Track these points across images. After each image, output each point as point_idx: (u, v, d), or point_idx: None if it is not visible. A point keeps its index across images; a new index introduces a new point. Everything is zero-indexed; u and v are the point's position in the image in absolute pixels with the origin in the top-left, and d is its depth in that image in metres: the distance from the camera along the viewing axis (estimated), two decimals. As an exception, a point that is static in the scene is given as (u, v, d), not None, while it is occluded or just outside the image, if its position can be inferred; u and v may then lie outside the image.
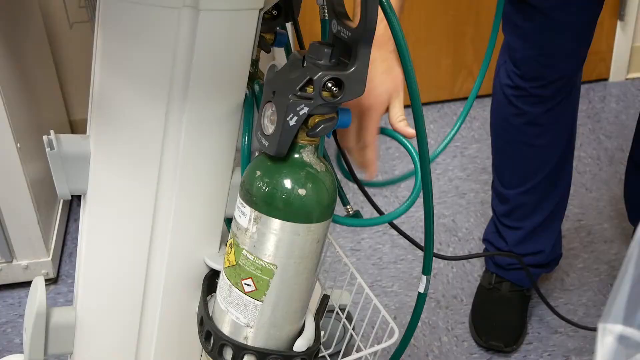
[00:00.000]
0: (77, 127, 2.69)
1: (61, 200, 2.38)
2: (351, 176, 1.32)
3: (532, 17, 1.66)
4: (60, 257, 2.30)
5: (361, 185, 1.33)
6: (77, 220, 2.45)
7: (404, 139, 1.19)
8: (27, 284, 2.19)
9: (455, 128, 1.27)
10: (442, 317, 2.07)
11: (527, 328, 2.01)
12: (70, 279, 2.25)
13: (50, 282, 2.22)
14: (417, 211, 2.43)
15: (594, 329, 1.85)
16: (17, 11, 2.17)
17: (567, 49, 1.71)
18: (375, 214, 1.36)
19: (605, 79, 3.07)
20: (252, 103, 1.06)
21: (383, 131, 1.22)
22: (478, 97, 3.06)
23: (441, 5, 2.82)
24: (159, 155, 1.00)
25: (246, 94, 1.05)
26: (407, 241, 2.30)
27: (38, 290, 1.07)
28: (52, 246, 2.21)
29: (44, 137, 0.99)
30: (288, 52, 1.31)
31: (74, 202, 2.48)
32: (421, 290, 1.11)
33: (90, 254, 1.07)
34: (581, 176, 2.53)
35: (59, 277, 2.25)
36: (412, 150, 1.12)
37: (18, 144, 1.97)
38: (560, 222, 2.03)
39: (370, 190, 1.40)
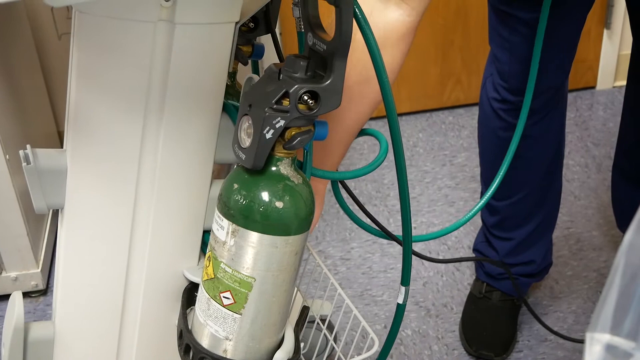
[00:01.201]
0: (66, 138, 2.69)
1: (50, 212, 2.38)
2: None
3: (518, 29, 1.65)
4: (49, 268, 2.30)
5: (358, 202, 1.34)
6: (66, 231, 2.45)
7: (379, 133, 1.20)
8: (16, 296, 2.19)
9: None
10: (432, 325, 2.07)
11: (517, 336, 2.01)
12: (60, 290, 2.25)
13: (39, 293, 2.22)
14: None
15: (580, 341, 1.85)
16: (5, 22, 2.17)
17: (554, 62, 1.71)
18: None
19: (593, 87, 3.08)
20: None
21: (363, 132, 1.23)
22: (466, 105, 3.10)
23: (429, 14, 2.81)
24: (137, 169, 1.00)
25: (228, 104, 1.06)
26: (396, 250, 2.31)
27: (16, 305, 1.07)
28: (42, 257, 2.21)
29: (20, 152, 0.99)
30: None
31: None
32: (400, 301, 1.11)
33: (68, 269, 1.07)
34: (569, 184, 2.53)
35: (49, 289, 2.25)
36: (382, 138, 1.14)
37: (7, 156, 1.97)
38: (551, 232, 2.03)
39: (360, 199, 1.40)
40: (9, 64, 2.17)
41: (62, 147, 1.05)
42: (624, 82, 3.01)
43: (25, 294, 2.19)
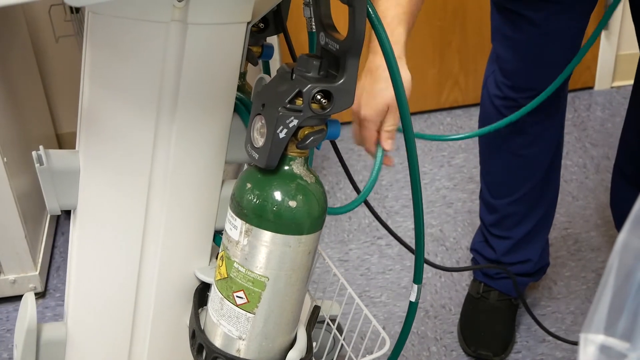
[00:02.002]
0: (64, 140, 2.69)
1: (48, 214, 2.38)
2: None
3: (522, 27, 1.66)
4: (47, 271, 2.29)
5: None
6: (64, 233, 2.44)
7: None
8: (15, 299, 2.19)
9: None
10: (431, 326, 2.07)
11: (516, 337, 2.01)
12: (58, 292, 2.25)
13: (38, 296, 2.22)
14: (405, 221, 2.43)
15: (576, 343, 1.85)
16: (2, 25, 2.17)
17: (557, 60, 1.72)
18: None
19: (591, 87, 3.08)
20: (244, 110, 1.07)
21: None
22: (464, 106, 3.10)
23: (426, 16, 2.83)
24: (149, 169, 1.00)
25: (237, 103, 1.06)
26: (394, 251, 2.32)
27: (28, 306, 1.07)
28: (40, 260, 2.20)
29: (33, 153, 0.99)
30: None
31: (61, 216, 2.48)
32: (412, 299, 1.11)
33: (80, 269, 1.07)
34: (567, 184, 2.54)
35: (47, 291, 2.25)
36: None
37: (5, 158, 1.97)
38: (547, 231, 2.03)
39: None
40: (6, 66, 2.16)
41: (59, 149, 1.05)
42: (622, 83, 3.04)
43: (24, 297, 2.19)
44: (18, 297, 2.18)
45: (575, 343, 1.88)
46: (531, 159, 1.89)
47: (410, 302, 1.11)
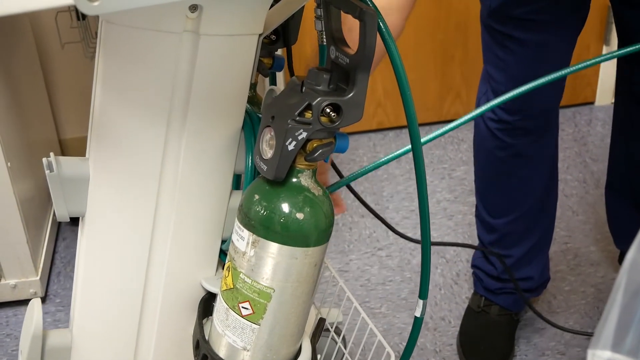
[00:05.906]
0: (66, 146, 2.69)
1: (50, 220, 2.38)
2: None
3: (512, 49, 1.67)
4: (48, 276, 2.30)
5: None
6: (65, 239, 2.45)
7: None
8: (15, 303, 2.19)
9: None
10: (430, 339, 2.07)
11: (515, 351, 2.02)
12: (59, 298, 2.25)
13: (38, 301, 2.22)
14: (405, 233, 2.43)
15: (590, 334, 1.85)
16: (8, 30, 2.18)
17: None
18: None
19: (592, 103, 3.09)
20: (251, 125, 1.07)
21: None
22: (466, 119, 3.08)
23: (429, 29, 2.84)
24: (158, 178, 1.00)
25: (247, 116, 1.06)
26: (394, 262, 2.32)
27: (35, 313, 1.07)
28: (41, 265, 2.21)
29: (44, 160, 0.99)
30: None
31: (62, 222, 2.48)
32: (417, 314, 1.11)
33: (87, 277, 1.07)
34: (568, 199, 2.55)
35: (47, 297, 2.25)
36: None
37: (8, 163, 1.97)
38: (548, 249, 2.04)
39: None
40: (11, 72, 2.17)
41: (62, 154, 1.05)
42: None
43: (24, 302, 2.19)
44: (18, 302, 2.19)
45: (587, 334, 1.88)
46: (528, 180, 1.90)
47: (415, 317, 1.12)
